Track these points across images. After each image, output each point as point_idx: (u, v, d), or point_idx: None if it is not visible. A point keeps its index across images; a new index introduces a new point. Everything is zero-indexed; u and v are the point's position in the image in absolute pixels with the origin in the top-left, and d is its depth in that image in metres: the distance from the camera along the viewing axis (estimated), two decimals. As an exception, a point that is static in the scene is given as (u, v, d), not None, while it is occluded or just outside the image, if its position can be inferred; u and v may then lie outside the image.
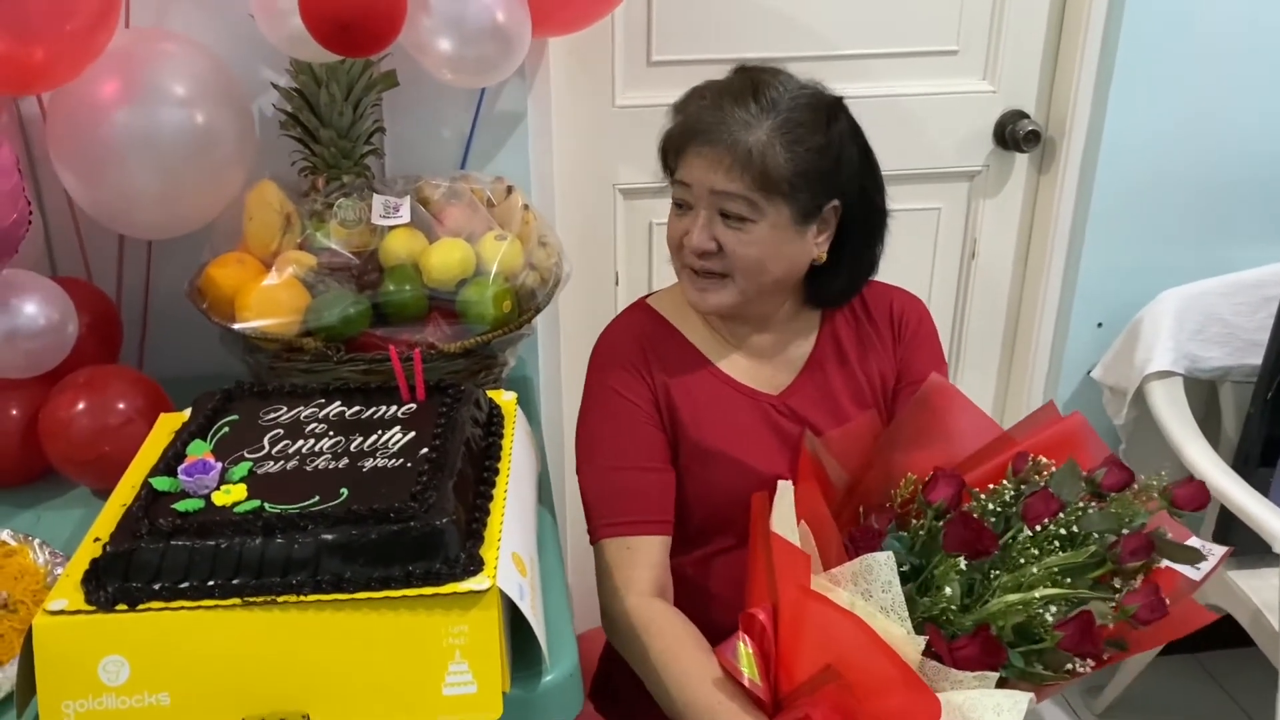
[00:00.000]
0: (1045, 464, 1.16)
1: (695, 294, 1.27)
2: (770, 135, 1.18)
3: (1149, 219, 1.94)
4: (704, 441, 1.28)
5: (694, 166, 1.21)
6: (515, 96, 1.64)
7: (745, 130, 1.17)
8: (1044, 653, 1.07)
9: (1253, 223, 1.96)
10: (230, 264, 1.41)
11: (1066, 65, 1.88)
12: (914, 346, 1.37)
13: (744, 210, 1.20)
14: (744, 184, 1.18)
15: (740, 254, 1.22)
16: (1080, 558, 1.09)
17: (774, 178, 1.17)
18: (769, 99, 1.19)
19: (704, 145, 1.19)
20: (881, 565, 1.06)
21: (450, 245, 1.42)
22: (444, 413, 1.16)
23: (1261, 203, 1.96)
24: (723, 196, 1.19)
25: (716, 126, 1.18)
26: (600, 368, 1.32)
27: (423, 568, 0.96)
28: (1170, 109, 1.87)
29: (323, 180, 1.48)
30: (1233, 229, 1.97)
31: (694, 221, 1.23)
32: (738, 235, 1.21)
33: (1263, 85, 1.89)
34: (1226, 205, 1.95)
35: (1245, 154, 1.92)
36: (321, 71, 1.42)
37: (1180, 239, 1.96)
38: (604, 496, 1.27)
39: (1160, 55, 1.83)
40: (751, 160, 1.17)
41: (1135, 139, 1.88)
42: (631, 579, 1.23)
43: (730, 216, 1.21)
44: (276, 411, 1.18)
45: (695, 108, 1.22)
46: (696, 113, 1.21)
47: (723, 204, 1.20)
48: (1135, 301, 1.94)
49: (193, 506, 1.00)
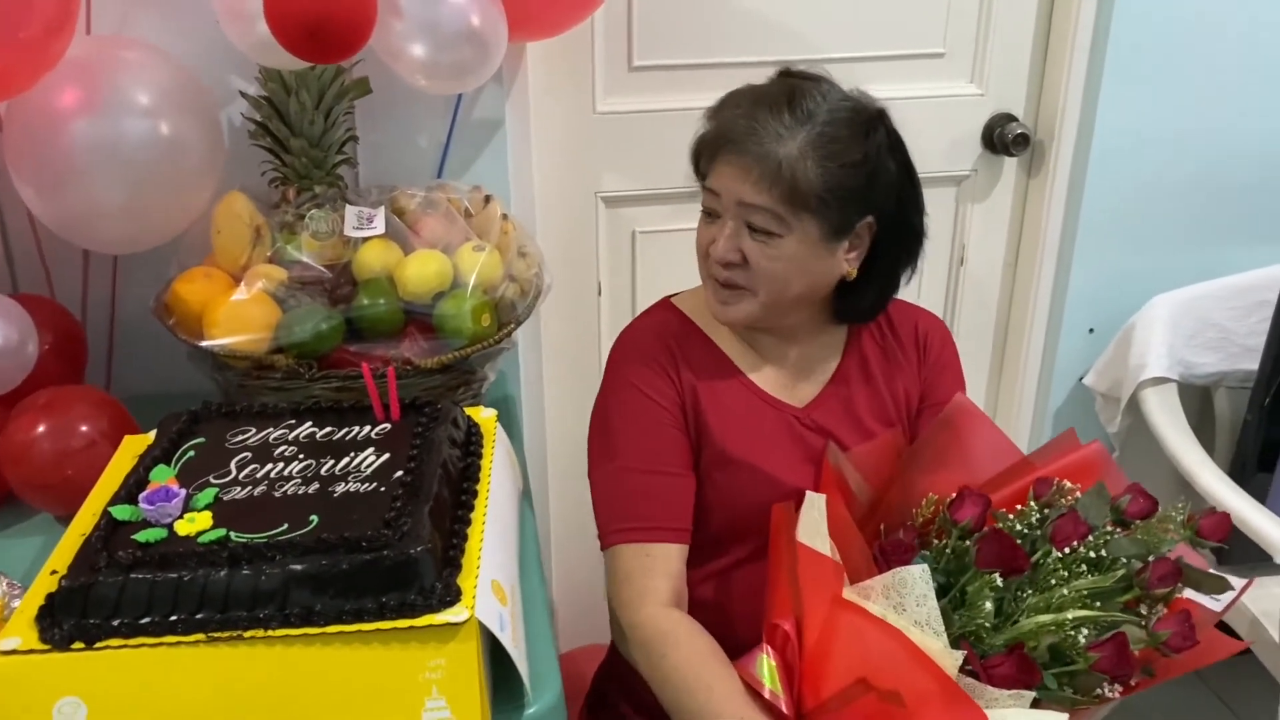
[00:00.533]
0: (1070, 488, 1.14)
1: (717, 305, 1.24)
2: (803, 149, 1.14)
3: (1139, 223, 1.91)
4: (729, 449, 1.25)
5: (723, 175, 1.17)
6: (493, 103, 1.60)
7: (777, 142, 1.14)
8: (1075, 675, 1.05)
9: (1243, 226, 1.95)
10: (198, 279, 1.36)
11: (1055, 67, 1.86)
12: (938, 369, 1.35)
13: (770, 224, 1.16)
14: (771, 198, 1.15)
15: (764, 268, 1.18)
16: (1108, 582, 1.08)
17: (803, 193, 1.14)
18: (805, 109, 1.15)
19: (734, 154, 1.16)
20: (916, 578, 1.04)
21: (426, 257, 1.37)
22: (420, 433, 1.12)
23: (1252, 205, 1.94)
24: (749, 209, 1.16)
25: (748, 136, 1.15)
26: (624, 365, 1.28)
27: (397, 599, 0.92)
28: (1160, 111, 1.85)
29: (294, 191, 1.43)
30: (1223, 232, 1.95)
31: (720, 231, 1.19)
32: (763, 249, 1.18)
33: (1253, 86, 1.87)
34: (1217, 208, 1.93)
35: (1235, 156, 1.90)
36: (291, 79, 1.38)
37: (1171, 243, 1.93)
38: (622, 499, 1.23)
39: (1150, 57, 1.81)
40: (780, 174, 1.13)
41: (1125, 142, 1.85)
42: (649, 588, 1.19)
43: (757, 230, 1.17)
44: (245, 434, 1.14)
45: (729, 114, 1.18)
46: (730, 119, 1.18)
47: (749, 216, 1.17)
48: (1126, 307, 1.92)
49: (154, 537, 0.95)
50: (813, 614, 1.10)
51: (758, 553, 1.25)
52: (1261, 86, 1.87)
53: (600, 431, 1.28)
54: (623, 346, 1.29)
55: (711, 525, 1.26)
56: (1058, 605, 1.07)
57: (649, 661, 1.16)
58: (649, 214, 1.83)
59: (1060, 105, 1.85)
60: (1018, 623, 1.08)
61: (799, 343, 1.30)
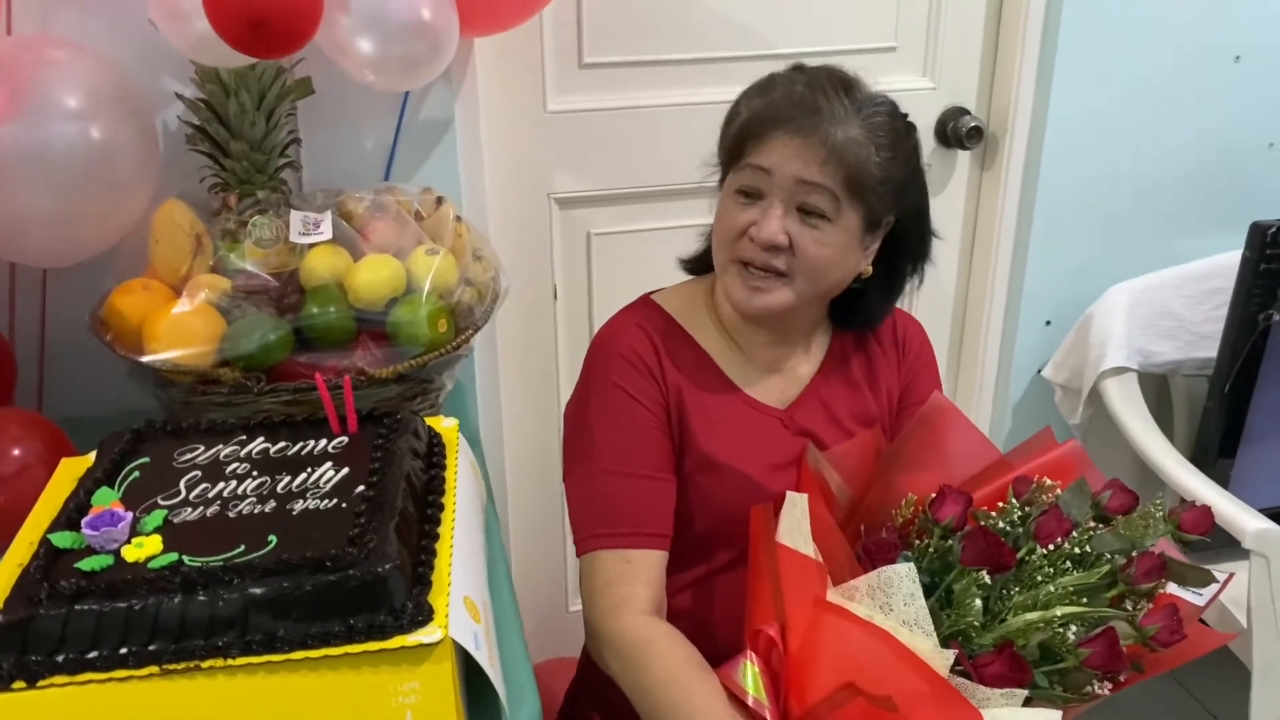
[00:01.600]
0: (1050, 485, 1.13)
1: (744, 293, 1.17)
2: (865, 134, 1.12)
3: (1092, 214, 1.92)
4: (713, 453, 1.21)
5: (777, 153, 1.12)
6: (441, 102, 1.54)
7: (839, 124, 1.11)
8: (1065, 673, 1.03)
9: (1194, 214, 1.97)
10: (136, 291, 1.30)
11: (1007, 60, 1.86)
12: (917, 368, 1.33)
13: (826, 206, 1.12)
14: (832, 179, 1.11)
15: (811, 254, 1.14)
16: (1093, 578, 1.06)
17: (860, 178, 1.11)
18: (860, 97, 1.13)
19: (794, 133, 1.11)
20: (903, 578, 1.01)
21: (378, 262, 1.32)
22: (380, 444, 1.06)
23: (1202, 194, 1.96)
24: (808, 188, 1.12)
25: (811, 114, 1.11)
26: (605, 364, 1.22)
27: (365, 620, 0.88)
28: (1111, 103, 1.86)
29: (235, 197, 1.37)
30: (1174, 222, 1.97)
31: (765, 212, 1.14)
32: (813, 234, 1.14)
33: (1199, 76, 1.89)
34: (1167, 198, 1.95)
35: (1183, 146, 1.93)
36: (230, 79, 1.32)
37: (1123, 234, 1.95)
38: (602, 503, 1.18)
39: (1100, 48, 1.82)
40: (845, 156, 1.10)
41: (1078, 134, 1.86)
42: (630, 595, 1.14)
43: (810, 212, 1.13)
44: (193, 452, 1.08)
45: (783, 93, 1.14)
46: (785, 97, 1.13)
47: (806, 196, 1.12)
48: (1082, 298, 1.92)
49: (100, 564, 0.89)
50: (796, 618, 1.07)
51: (739, 559, 1.22)
52: (1207, 76, 1.89)
53: (579, 432, 1.23)
54: (604, 344, 1.24)
55: (693, 531, 1.22)
56: (1044, 603, 1.05)
57: (629, 671, 1.12)
58: (603, 215, 1.79)
59: (1012, 98, 1.84)
60: (1005, 621, 1.06)
61: (786, 344, 1.26)
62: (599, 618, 1.15)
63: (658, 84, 1.74)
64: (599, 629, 1.15)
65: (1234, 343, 1.65)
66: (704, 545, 1.24)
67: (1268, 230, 1.59)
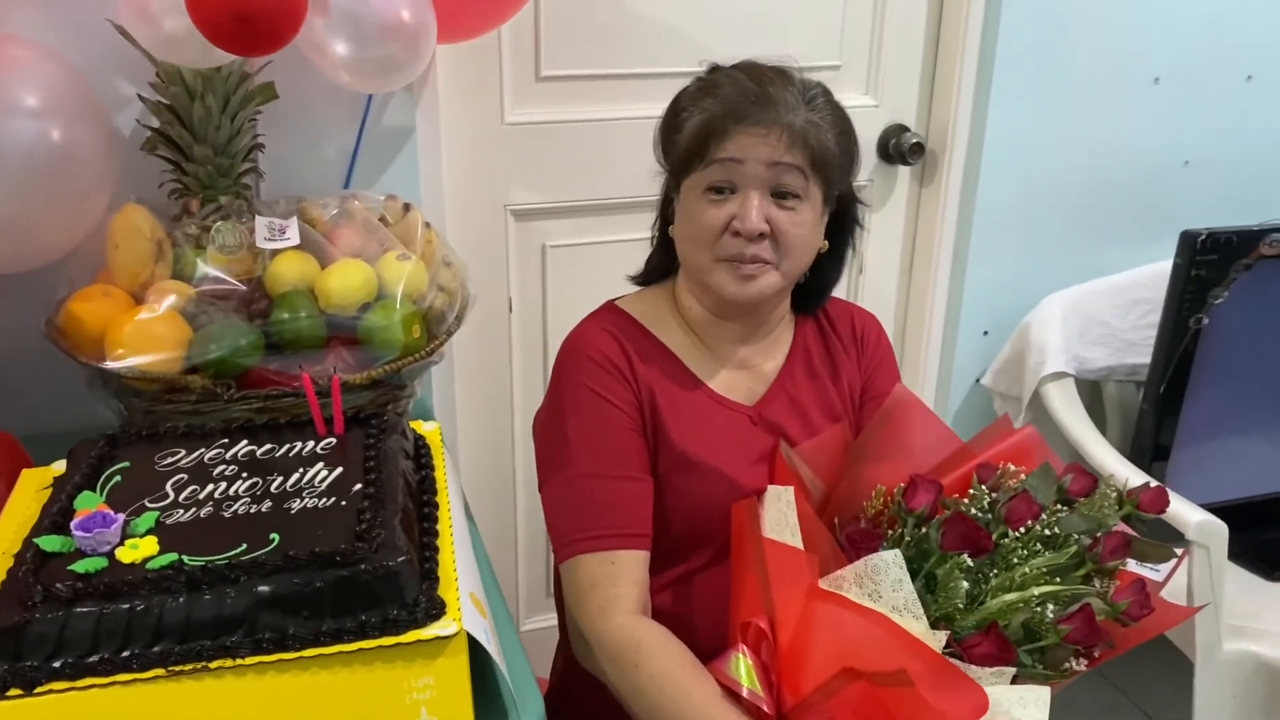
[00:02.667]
0: (1014, 470, 1.15)
1: (737, 283, 1.18)
2: (817, 116, 1.16)
3: (1027, 228, 2.00)
4: (689, 451, 1.21)
5: (744, 143, 1.15)
6: (403, 111, 1.54)
7: (793, 111, 1.15)
8: (1045, 650, 1.06)
9: (1121, 227, 2.06)
10: (96, 297, 1.25)
11: (945, 78, 1.92)
12: (876, 361, 1.35)
13: (798, 186, 1.16)
14: (801, 159, 1.15)
15: (792, 235, 1.17)
16: (1063, 558, 1.09)
17: (826, 157, 1.16)
18: (799, 83, 1.17)
19: (757, 124, 1.14)
20: (890, 564, 1.03)
21: (350, 267, 1.30)
22: (372, 444, 1.05)
23: (1126, 208, 2.05)
24: (781, 169, 1.15)
25: (768, 105, 1.14)
26: (576, 367, 1.22)
27: (378, 615, 0.86)
28: (1046, 119, 1.94)
29: (197, 203, 1.34)
30: (1102, 234, 2.05)
31: (743, 204, 1.16)
32: (790, 215, 1.17)
33: (1124, 97, 1.98)
34: (1095, 212, 2.03)
35: (1110, 162, 2.01)
36: (195, 82, 1.29)
37: (1056, 246, 2.02)
38: (581, 507, 1.17)
39: (1034, 68, 1.90)
40: (807, 138, 1.14)
41: (1014, 150, 1.93)
42: (617, 596, 1.14)
43: (784, 195, 1.16)
44: (174, 455, 1.05)
45: (732, 90, 1.17)
46: (738, 93, 1.16)
47: (780, 178, 1.15)
48: (1017, 308, 1.99)
49: (95, 566, 0.86)
50: (786, 609, 1.08)
51: (718, 557, 1.22)
52: (1129, 97, 1.98)
53: (552, 439, 1.22)
54: (573, 349, 1.24)
55: (671, 531, 1.22)
56: (1019, 584, 1.08)
57: (621, 672, 1.11)
58: (559, 227, 1.79)
59: (951, 116, 1.91)
60: (984, 603, 1.08)
61: (753, 341, 1.28)
62: (587, 620, 1.15)
63: (613, 97, 1.75)
64: (587, 632, 1.15)
65: (1167, 347, 1.73)
66: (682, 546, 1.24)
67: (1197, 238, 1.67)
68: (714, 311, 1.25)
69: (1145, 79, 1.97)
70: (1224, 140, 2.05)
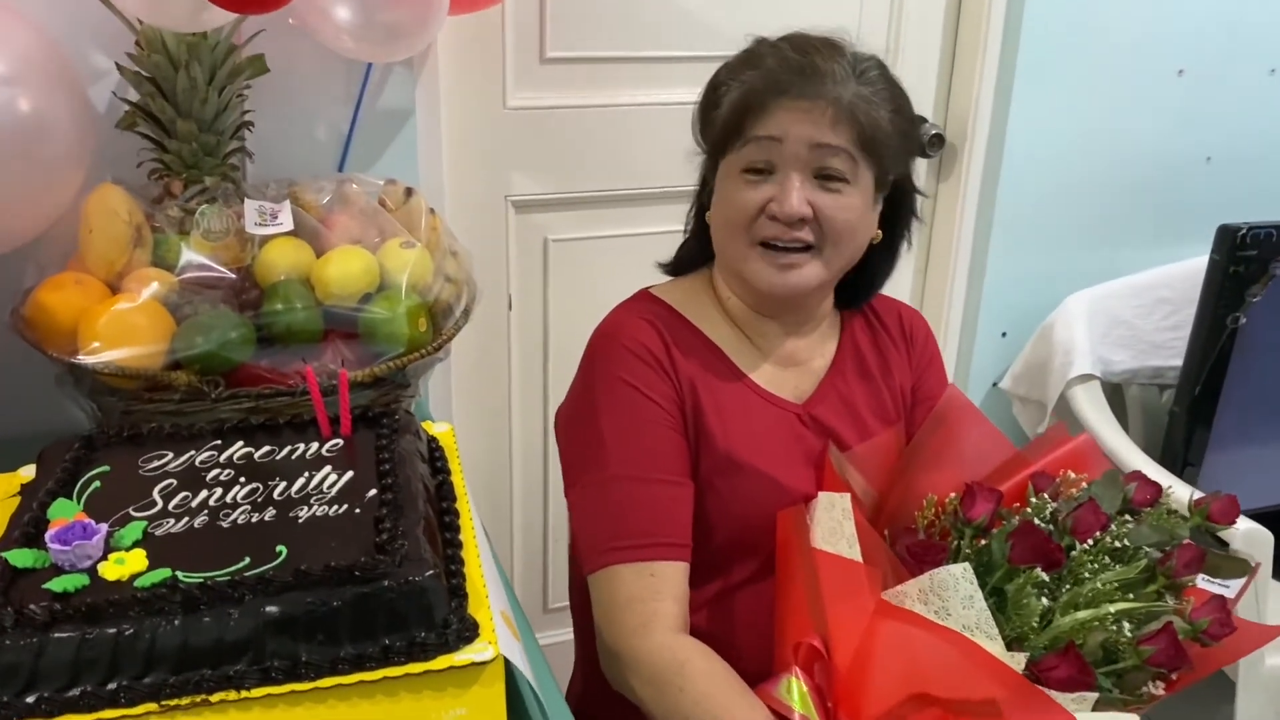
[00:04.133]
0: (1075, 478, 1.09)
1: (774, 273, 1.09)
2: (867, 91, 1.06)
3: (1049, 224, 1.93)
4: (734, 453, 1.11)
5: (785, 120, 1.05)
6: (401, 90, 1.43)
7: (841, 83, 1.05)
8: (1122, 673, 0.98)
9: (1141, 225, 1.99)
10: (67, 286, 1.15)
11: (966, 66, 1.85)
12: (925, 360, 1.27)
13: (844, 168, 1.06)
14: (848, 139, 1.05)
15: (838, 220, 1.07)
16: (1133, 572, 1.02)
17: (873, 135, 1.06)
18: (851, 56, 1.08)
19: (799, 98, 1.05)
20: (959, 579, 0.94)
21: (349, 254, 1.21)
22: (385, 445, 0.94)
23: (1149, 204, 1.99)
24: (825, 151, 1.05)
25: (813, 78, 1.05)
26: (610, 359, 1.11)
27: (404, 638, 0.77)
28: (1071, 113, 1.87)
29: (180, 184, 1.24)
30: (1120, 232, 1.99)
31: (782, 186, 1.06)
32: (835, 199, 1.07)
33: (1155, 90, 1.92)
34: (1114, 209, 1.97)
35: (1130, 157, 1.95)
36: (179, 50, 1.18)
37: (1077, 244, 1.96)
38: (618, 513, 1.07)
39: (1058, 56, 1.83)
40: (855, 114, 1.05)
41: (1036, 142, 1.87)
42: (656, 613, 1.03)
43: (829, 177, 1.07)
44: (161, 458, 0.94)
45: (776, 61, 1.07)
46: (782, 65, 1.07)
47: (823, 160, 1.06)
48: (1036, 309, 1.92)
49: (74, 584, 0.76)
50: (842, 627, 1.00)
51: (760, 571, 1.13)
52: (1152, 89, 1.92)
53: (582, 438, 1.12)
54: (606, 338, 1.14)
55: (712, 541, 1.12)
56: (1090, 600, 1.01)
57: (662, 695, 1.01)
58: (562, 220, 1.69)
59: (972, 108, 1.84)
60: (1053, 621, 1.00)
61: (801, 334, 1.19)
62: (623, 639, 1.04)
63: (623, 82, 1.66)
64: (622, 651, 1.04)
65: (1202, 347, 1.66)
66: (723, 558, 1.14)
67: (1236, 233, 1.60)
68: (753, 306, 1.16)
69: (1169, 71, 1.91)
70: (1247, 136, 2.00)
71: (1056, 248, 1.95)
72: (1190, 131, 1.96)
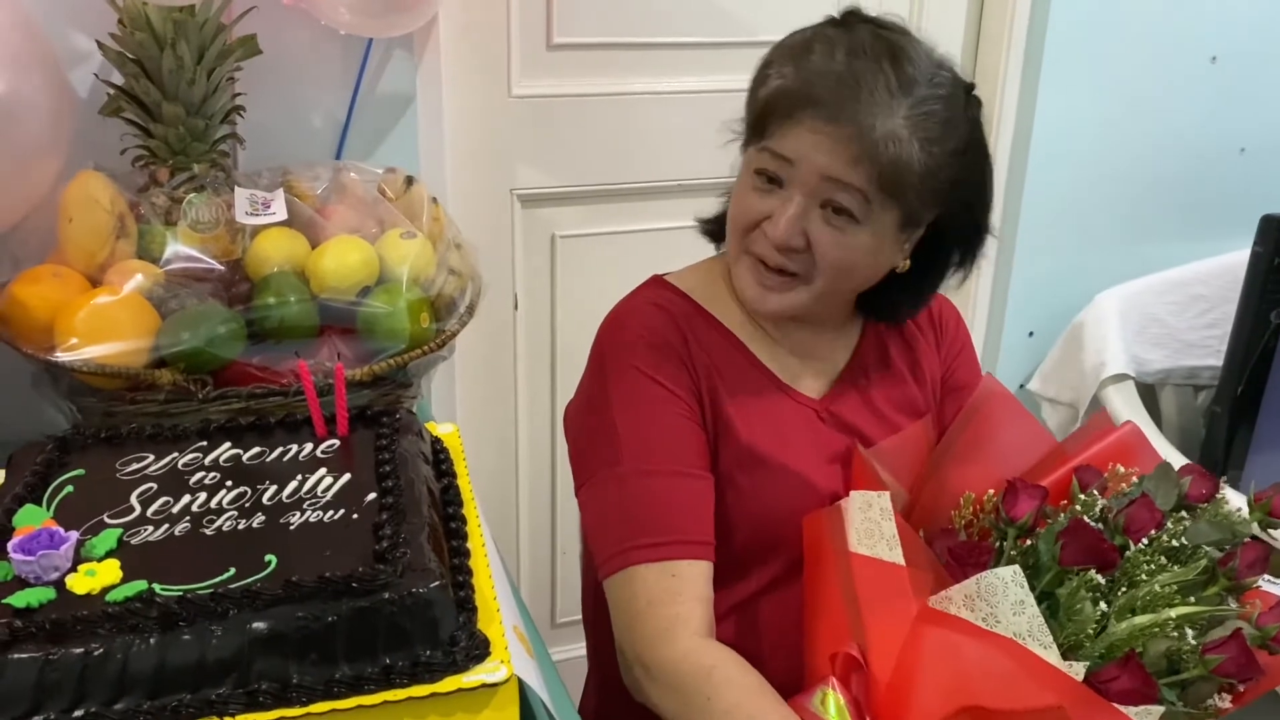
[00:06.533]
0: (1125, 472, 1.01)
1: (756, 291, 1.03)
2: (909, 125, 0.95)
3: (1079, 219, 1.88)
4: (755, 446, 1.04)
5: (805, 141, 0.96)
6: (402, 74, 1.37)
7: (879, 113, 0.94)
8: (1186, 685, 0.91)
9: (1175, 219, 1.94)
10: (44, 279, 1.09)
11: (990, 55, 1.80)
12: (956, 349, 1.20)
13: (854, 207, 0.97)
14: (866, 178, 0.95)
15: (833, 257, 0.99)
16: (1192, 573, 0.95)
17: (899, 178, 0.95)
18: (908, 74, 0.96)
19: (825, 120, 0.95)
20: (1008, 583, 0.87)
21: (346, 245, 1.15)
22: (385, 446, 0.87)
23: (1181, 197, 1.93)
24: (835, 185, 0.96)
25: (848, 100, 0.94)
26: (623, 348, 1.04)
27: (407, 658, 0.69)
28: (1099, 103, 1.82)
29: (166, 171, 1.17)
30: (1149, 227, 1.93)
31: (783, 207, 0.98)
32: (836, 235, 0.98)
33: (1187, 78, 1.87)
34: (1148, 201, 1.92)
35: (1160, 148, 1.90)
36: (165, 27, 1.11)
37: (1107, 241, 1.91)
38: (636, 509, 0.99)
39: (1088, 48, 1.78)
40: (882, 153, 0.94)
41: (1065, 136, 1.81)
42: (681, 616, 0.96)
43: (836, 211, 0.98)
44: (141, 461, 0.87)
45: (818, 64, 0.97)
46: (820, 72, 0.96)
47: (832, 194, 0.97)
48: (1065, 308, 1.87)
49: (38, 598, 0.69)
50: (881, 636, 0.93)
51: (787, 575, 1.05)
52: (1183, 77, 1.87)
53: (595, 431, 1.04)
54: (618, 327, 1.07)
55: (733, 542, 1.04)
56: (1147, 604, 0.93)
57: (688, 706, 0.93)
58: (570, 215, 1.63)
59: (997, 97, 1.78)
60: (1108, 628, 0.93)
61: (815, 327, 1.11)
62: (645, 645, 0.96)
63: (634, 69, 1.60)
64: (644, 658, 0.96)
65: (1245, 343, 1.59)
66: (745, 561, 1.06)
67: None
68: None
69: (1201, 58, 1.85)
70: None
71: (1085, 243, 1.89)
72: (1223, 121, 1.90)
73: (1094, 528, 0.95)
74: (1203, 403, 1.77)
